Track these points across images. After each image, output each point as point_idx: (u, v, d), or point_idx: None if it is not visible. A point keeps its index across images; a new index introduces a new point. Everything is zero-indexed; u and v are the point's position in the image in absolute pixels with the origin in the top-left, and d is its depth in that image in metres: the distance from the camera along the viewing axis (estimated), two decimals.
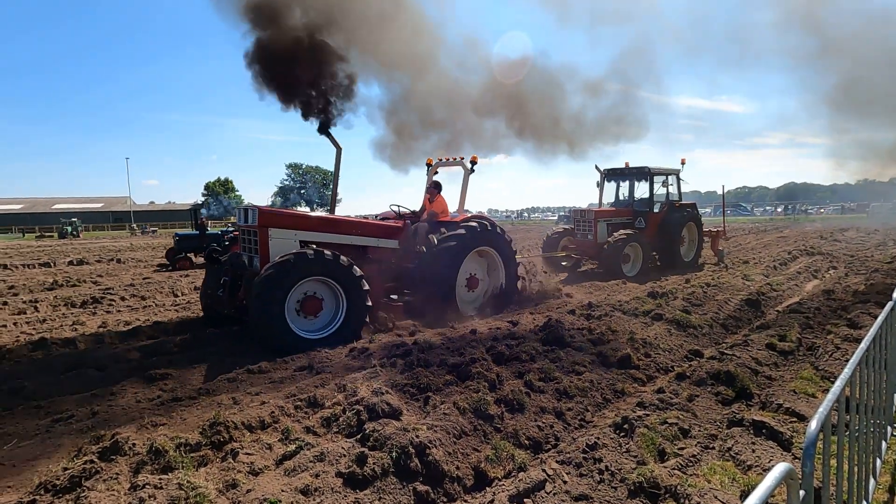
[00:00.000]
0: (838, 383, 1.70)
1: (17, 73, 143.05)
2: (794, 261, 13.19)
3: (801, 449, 3.22)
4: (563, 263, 12.92)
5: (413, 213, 8.16)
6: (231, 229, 16.33)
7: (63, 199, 77.68)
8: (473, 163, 8.22)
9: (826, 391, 4.16)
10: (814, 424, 1.36)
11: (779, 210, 58.28)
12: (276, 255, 5.88)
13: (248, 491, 2.63)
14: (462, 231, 7.28)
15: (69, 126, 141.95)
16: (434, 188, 8.25)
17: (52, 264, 16.85)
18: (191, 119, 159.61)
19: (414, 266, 7.11)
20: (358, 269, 6.15)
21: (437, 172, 8.85)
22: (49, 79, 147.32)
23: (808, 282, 10.21)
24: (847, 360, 4.90)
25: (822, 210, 57.18)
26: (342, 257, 6.06)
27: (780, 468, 1.13)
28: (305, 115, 7.23)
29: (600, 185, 13.42)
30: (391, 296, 7.18)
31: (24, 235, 45.46)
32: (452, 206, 8.48)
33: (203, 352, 5.80)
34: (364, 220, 7.66)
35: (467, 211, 8.53)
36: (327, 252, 5.95)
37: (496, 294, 7.98)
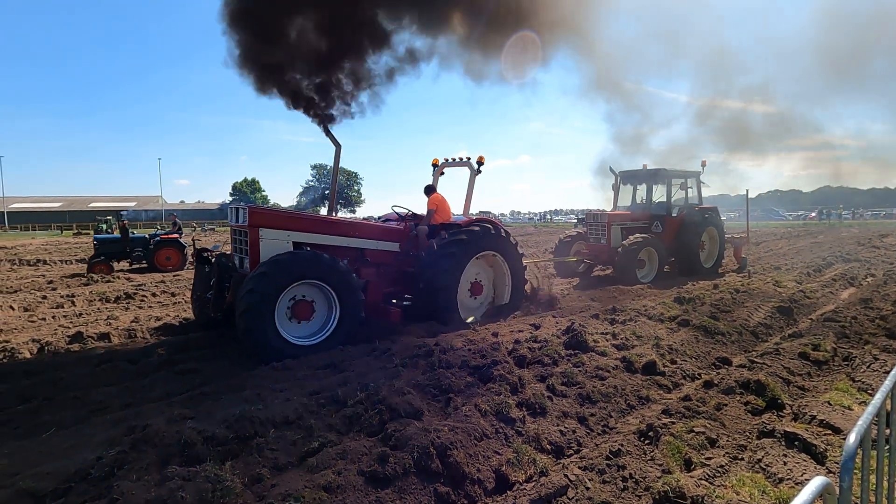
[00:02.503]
0: (879, 395, 1.64)
1: (58, 76, 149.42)
2: (828, 267, 12.72)
3: (836, 463, 3.11)
4: (579, 269, 12.70)
5: (415, 215, 7.88)
6: (160, 232, 15.65)
7: (99, 197, 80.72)
8: (480, 163, 7.88)
9: (863, 403, 4.00)
10: (853, 438, 1.31)
11: (812, 215, 56.36)
12: (267, 256, 5.64)
13: (273, 486, 2.67)
14: (464, 235, 6.99)
15: (105, 127, 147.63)
16: (427, 193, 7.88)
17: (87, 260, 17.47)
18: (222, 120, 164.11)
19: (414, 270, 6.88)
20: (352, 273, 5.92)
21: (443, 173, 8.52)
22: (87, 81, 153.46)
23: (844, 289, 9.83)
24: (886, 372, 4.70)
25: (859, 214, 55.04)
26: (338, 260, 5.84)
27: (816, 482, 1.09)
28: (307, 111, 6.89)
29: (615, 188, 13.07)
30: (401, 301, 6.95)
31: (62, 232, 47.29)
32: (458, 208, 8.19)
33: (229, 348, 5.93)
34: (363, 222, 7.41)
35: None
36: (321, 254, 5.74)
37: (501, 300, 7.67)
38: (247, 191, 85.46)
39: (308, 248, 5.98)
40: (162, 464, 2.86)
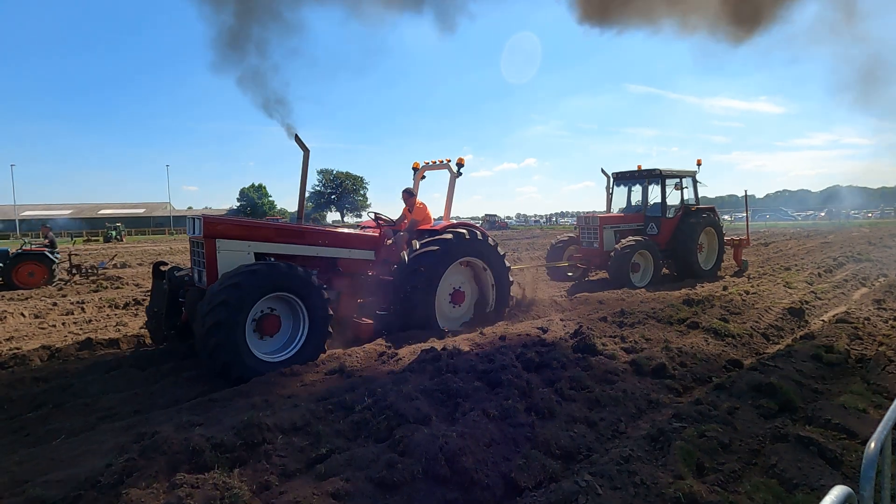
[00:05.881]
0: None
1: (67, 85, 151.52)
2: (840, 267, 12.56)
3: (852, 468, 3.05)
4: (569, 274, 12.50)
5: (393, 221, 7.52)
6: (26, 243, 14.05)
7: (108, 204, 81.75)
8: (460, 165, 7.61)
9: (879, 407, 3.93)
10: (873, 445, 1.28)
11: (822, 214, 55.96)
12: (224, 269, 5.30)
13: (281, 493, 2.66)
14: (442, 241, 6.60)
15: (114, 135, 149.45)
16: (409, 195, 7.56)
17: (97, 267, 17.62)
18: (230, 126, 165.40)
19: (391, 280, 6.53)
20: (310, 279, 5.55)
21: (424, 177, 8.27)
22: (96, 89, 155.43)
23: (857, 290, 9.71)
24: None
25: (869, 214, 54.57)
26: (299, 268, 5.52)
27: (837, 491, 1.06)
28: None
29: (609, 191, 12.92)
30: (378, 311, 6.56)
31: (72, 239, 47.81)
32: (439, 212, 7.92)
33: None
34: (334, 230, 7.00)
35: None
36: (276, 264, 5.40)
37: (486, 307, 7.32)
38: (254, 196, 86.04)
39: (272, 259, 5.63)
40: (171, 471, 2.86)
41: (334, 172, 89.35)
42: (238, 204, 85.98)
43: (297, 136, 6.47)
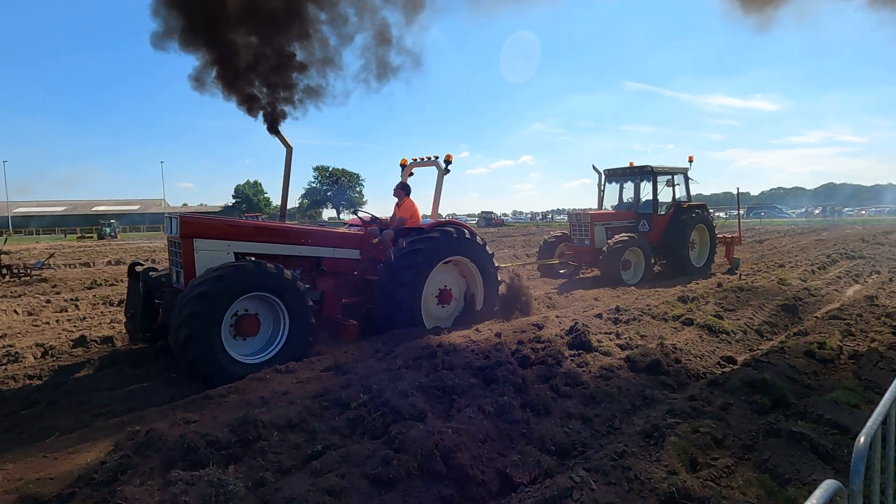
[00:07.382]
0: (888, 395, 1.61)
1: (60, 81, 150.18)
2: (833, 264, 12.66)
3: (843, 462, 3.08)
4: (561, 271, 12.49)
5: (379, 219, 7.39)
6: None
7: (102, 201, 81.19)
8: (448, 162, 7.52)
9: (870, 402, 3.97)
10: (862, 440, 1.29)
11: (816, 211, 56.39)
12: (202, 269, 5.13)
13: (277, 490, 2.66)
14: (428, 240, 6.45)
15: (108, 131, 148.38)
16: (402, 190, 7.34)
17: (91, 264, 17.55)
18: (225, 123, 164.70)
19: (376, 280, 6.40)
20: (299, 280, 5.45)
21: (412, 174, 8.11)
22: (89, 85, 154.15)
23: (850, 287, 9.79)
24: (894, 371, 4.66)
25: (863, 212, 55.01)
26: (280, 267, 5.36)
27: (827, 485, 1.07)
28: (250, 110, 6.33)
29: (601, 188, 12.92)
30: (363, 311, 6.47)
31: (66, 236, 47.50)
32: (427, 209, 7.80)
33: None
34: (317, 229, 6.80)
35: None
36: (260, 262, 5.25)
37: (475, 306, 7.18)
38: (249, 193, 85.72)
39: (252, 259, 5.40)
40: (165, 468, 2.85)
41: (330, 169, 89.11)
42: (233, 201, 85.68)
43: (279, 132, 6.30)
